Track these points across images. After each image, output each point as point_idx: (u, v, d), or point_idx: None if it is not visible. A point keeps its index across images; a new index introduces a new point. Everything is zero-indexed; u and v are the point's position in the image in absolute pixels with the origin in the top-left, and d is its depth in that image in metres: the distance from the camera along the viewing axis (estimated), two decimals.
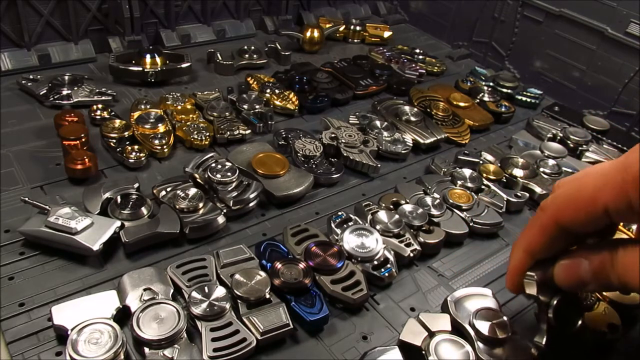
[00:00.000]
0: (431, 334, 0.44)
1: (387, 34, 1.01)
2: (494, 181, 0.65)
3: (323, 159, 0.65)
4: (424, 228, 0.56)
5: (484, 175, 0.65)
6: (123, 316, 0.44)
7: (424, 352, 0.42)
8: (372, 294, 0.50)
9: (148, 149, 0.63)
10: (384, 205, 0.59)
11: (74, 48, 0.81)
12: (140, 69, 0.76)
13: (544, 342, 0.42)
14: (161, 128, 0.66)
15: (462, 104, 0.81)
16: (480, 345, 0.43)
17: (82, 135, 0.60)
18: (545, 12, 0.89)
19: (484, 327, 0.44)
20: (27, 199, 0.52)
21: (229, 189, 0.57)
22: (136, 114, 0.67)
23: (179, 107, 0.69)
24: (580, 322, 0.45)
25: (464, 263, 0.56)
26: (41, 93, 0.71)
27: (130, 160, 0.61)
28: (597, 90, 0.85)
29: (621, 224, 0.55)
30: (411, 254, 0.53)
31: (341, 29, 1.00)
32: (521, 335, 0.45)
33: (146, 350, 0.41)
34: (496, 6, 0.96)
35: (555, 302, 0.41)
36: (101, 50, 0.83)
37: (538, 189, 0.64)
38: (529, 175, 0.66)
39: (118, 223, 0.51)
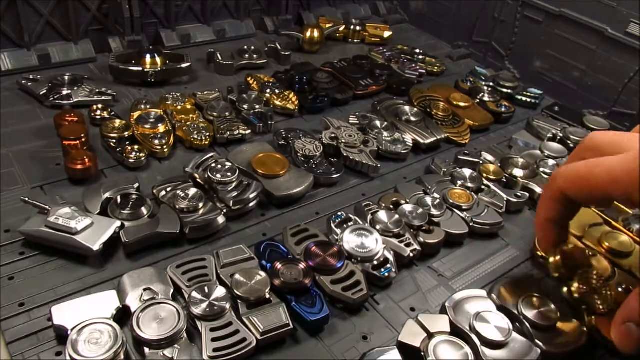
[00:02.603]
0: (430, 335, 0.44)
1: (387, 34, 1.01)
2: (494, 181, 0.65)
3: (323, 159, 0.65)
4: (424, 228, 0.56)
5: (484, 175, 0.65)
6: (123, 316, 0.44)
7: (422, 353, 0.42)
8: (372, 294, 0.50)
9: (148, 149, 0.63)
10: (384, 205, 0.58)
11: (74, 48, 0.81)
12: (140, 69, 0.76)
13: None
14: (161, 128, 0.66)
15: (462, 104, 0.81)
16: (483, 348, 0.43)
17: (82, 135, 0.60)
18: (545, 12, 0.89)
19: (485, 329, 0.44)
20: (27, 199, 0.52)
21: (229, 189, 0.57)
22: (136, 114, 0.67)
23: (179, 107, 0.69)
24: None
25: (464, 263, 0.56)
26: (41, 93, 0.71)
27: (130, 160, 0.61)
28: (597, 90, 0.85)
29: (621, 224, 0.58)
30: (411, 254, 0.53)
31: (341, 29, 1.00)
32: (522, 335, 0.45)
33: (146, 350, 0.41)
34: (496, 6, 0.96)
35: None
36: (101, 50, 0.83)
37: (538, 189, 0.64)
38: (529, 175, 0.66)
39: (118, 223, 0.51)
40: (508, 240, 0.60)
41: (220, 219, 0.54)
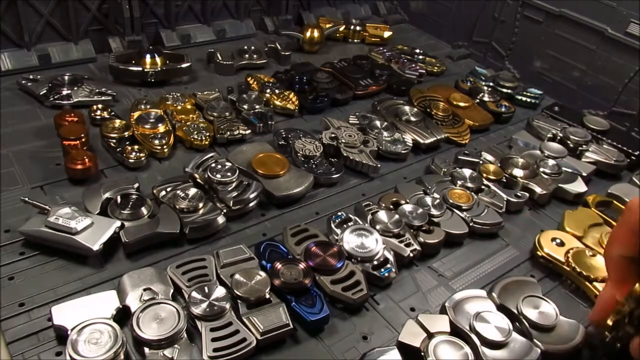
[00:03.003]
0: (430, 335, 0.44)
1: (387, 34, 1.01)
2: (494, 181, 0.65)
3: (323, 159, 0.65)
4: (424, 228, 0.56)
5: (484, 175, 0.65)
6: (123, 316, 0.44)
7: (422, 353, 0.42)
8: (372, 294, 0.50)
9: (148, 149, 0.63)
10: (384, 205, 0.58)
11: (74, 48, 0.81)
12: (140, 69, 0.76)
13: None
14: (161, 128, 0.66)
15: (462, 104, 0.81)
16: (483, 348, 0.43)
17: (82, 135, 0.60)
18: (545, 12, 0.89)
19: (485, 329, 0.44)
20: (27, 199, 0.52)
21: (229, 189, 0.57)
22: (136, 114, 0.67)
23: (179, 107, 0.69)
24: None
25: (464, 263, 0.56)
26: (41, 93, 0.71)
27: (130, 160, 0.61)
28: (597, 90, 0.85)
29: None
30: (411, 254, 0.53)
31: (341, 29, 1.00)
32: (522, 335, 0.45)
33: (146, 350, 0.41)
34: (496, 6, 0.96)
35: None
36: (101, 50, 0.83)
37: (538, 189, 0.64)
38: (529, 175, 0.66)
39: (118, 223, 0.51)
40: (508, 240, 0.60)
41: (220, 219, 0.54)
